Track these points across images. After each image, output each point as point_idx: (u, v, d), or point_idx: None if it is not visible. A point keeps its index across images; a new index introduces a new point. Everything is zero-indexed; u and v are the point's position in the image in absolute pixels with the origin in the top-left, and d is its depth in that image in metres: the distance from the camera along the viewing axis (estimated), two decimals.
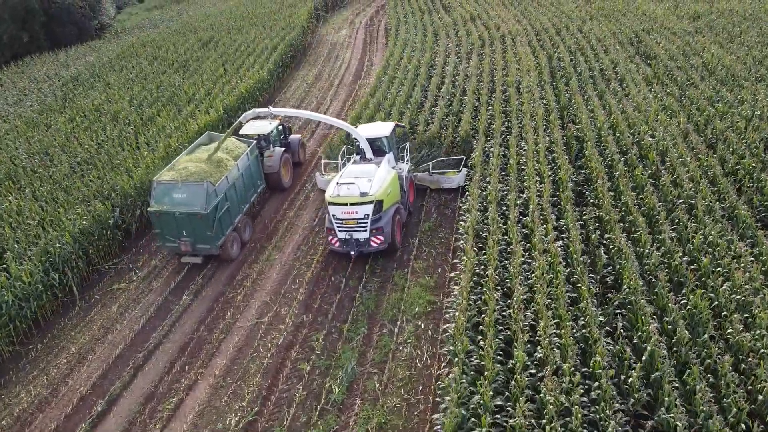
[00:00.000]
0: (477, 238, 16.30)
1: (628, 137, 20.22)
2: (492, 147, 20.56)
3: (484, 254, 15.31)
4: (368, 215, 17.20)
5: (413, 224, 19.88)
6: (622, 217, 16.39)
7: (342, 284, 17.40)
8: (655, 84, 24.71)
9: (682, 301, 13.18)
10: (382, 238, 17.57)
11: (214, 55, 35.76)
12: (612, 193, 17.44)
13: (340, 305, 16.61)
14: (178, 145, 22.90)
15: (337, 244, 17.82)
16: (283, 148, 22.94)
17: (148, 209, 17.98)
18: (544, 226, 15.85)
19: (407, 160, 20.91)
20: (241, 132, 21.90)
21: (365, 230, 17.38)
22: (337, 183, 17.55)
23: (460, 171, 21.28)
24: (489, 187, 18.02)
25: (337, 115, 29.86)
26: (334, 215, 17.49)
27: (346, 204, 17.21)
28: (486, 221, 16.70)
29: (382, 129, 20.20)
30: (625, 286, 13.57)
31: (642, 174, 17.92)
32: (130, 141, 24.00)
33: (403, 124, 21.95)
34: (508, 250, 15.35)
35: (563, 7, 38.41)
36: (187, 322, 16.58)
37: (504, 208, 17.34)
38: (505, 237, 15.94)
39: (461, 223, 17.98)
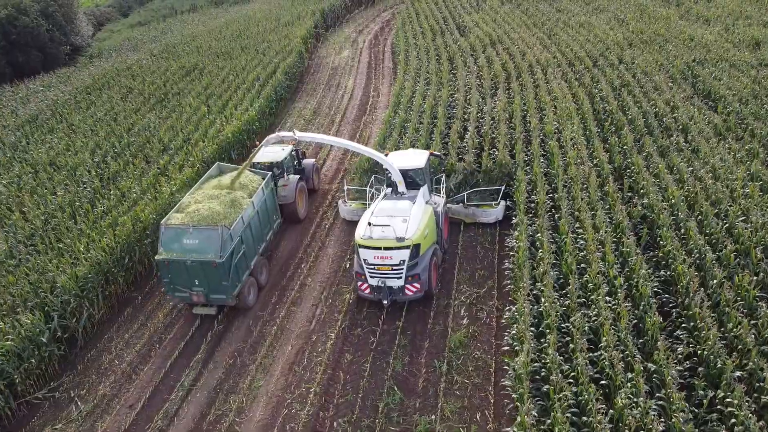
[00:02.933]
0: (532, 381, 11.86)
1: (714, 222, 15.68)
2: (538, 233, 16.03)
3: (550, 425, 10.83)
4: (404, 261, 15.16)
5: (438, 336, 15.38)
6: (738, 360, 11.85)
7: None
8: (729, 138, 20.15)
9: None
10: (418, 286, 15.52)
11: (198, 87, 31.14)
12: (710, 311, 12.90)
13: None
14: (149, 214, 18.60)
15: (368, 290, 15.85)
16: (298, 176, 20.87)
17: (156, 257, 15.85)
18: (630, 375, 11.37)
19: (443, 194, 18.47)
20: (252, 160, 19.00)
21: (400, 277, 15.28)
22: (369, 223, 15.35)
23: (498, 203, 19.07)
24: (543, 301, 13.51)
25: (339, 163, 25.55)
26: (365, 260, 15.43)
27: (379, 248, 15.17)
28: (543, 358, 12.21)
29: (416, 159, 17.82)
30: None
31: (747, 286, 13.38)
32: (86, 210, 19.54)
33: (438, 153, 19.53)
34: (582, 420, 10.86)
35: (595, 29, 33.61)
36: None
37: (566, 336, 12.84)
38: (573, 388, 11.47)
39: (506, 349, 13.54)
